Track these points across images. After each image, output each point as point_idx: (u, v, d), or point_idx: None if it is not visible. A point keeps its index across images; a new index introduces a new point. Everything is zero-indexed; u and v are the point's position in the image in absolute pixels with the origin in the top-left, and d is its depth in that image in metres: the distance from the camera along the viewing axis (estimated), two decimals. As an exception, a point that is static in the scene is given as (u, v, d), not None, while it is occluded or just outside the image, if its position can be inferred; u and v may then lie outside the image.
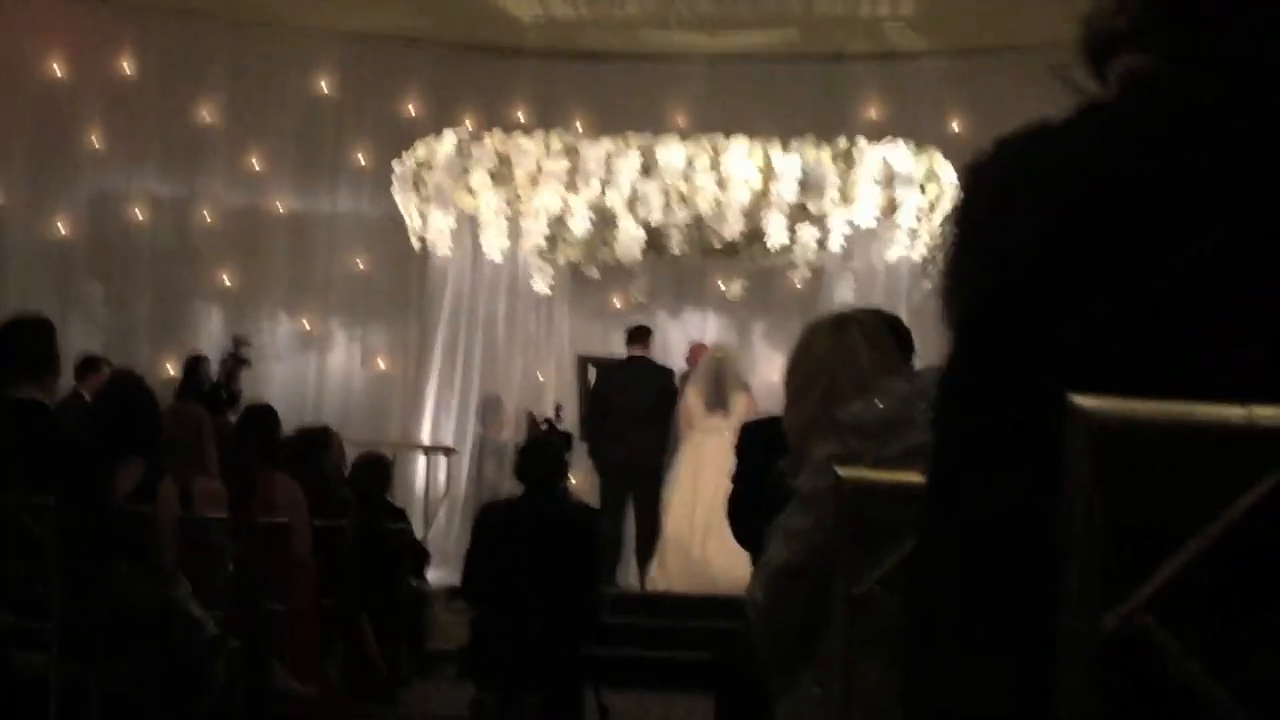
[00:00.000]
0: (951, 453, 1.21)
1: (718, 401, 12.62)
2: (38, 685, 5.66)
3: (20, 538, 5.62)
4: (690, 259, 14.13)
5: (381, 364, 16.43)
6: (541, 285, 13.81)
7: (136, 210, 15.87)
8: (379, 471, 10.54)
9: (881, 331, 3.64)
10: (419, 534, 12.28)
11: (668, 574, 12.53)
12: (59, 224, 15.57)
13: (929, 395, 2.13)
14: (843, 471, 2.11)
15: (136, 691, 6.27)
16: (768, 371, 15.60)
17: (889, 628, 2.11)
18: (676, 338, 15.25)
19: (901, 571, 2.07)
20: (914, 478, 2.09)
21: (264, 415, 8.85)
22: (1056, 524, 1.10)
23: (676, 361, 13.95)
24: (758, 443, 4.74)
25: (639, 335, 13.36)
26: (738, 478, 4.95)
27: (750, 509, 4.50)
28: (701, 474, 12.51)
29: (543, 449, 8.35)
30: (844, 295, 13.69)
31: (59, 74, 15.49)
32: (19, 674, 5.58)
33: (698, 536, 12.47)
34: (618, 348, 13.96)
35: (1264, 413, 1.09)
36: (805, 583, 2.28)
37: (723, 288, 15.89)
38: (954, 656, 1.18)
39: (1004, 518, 1.16)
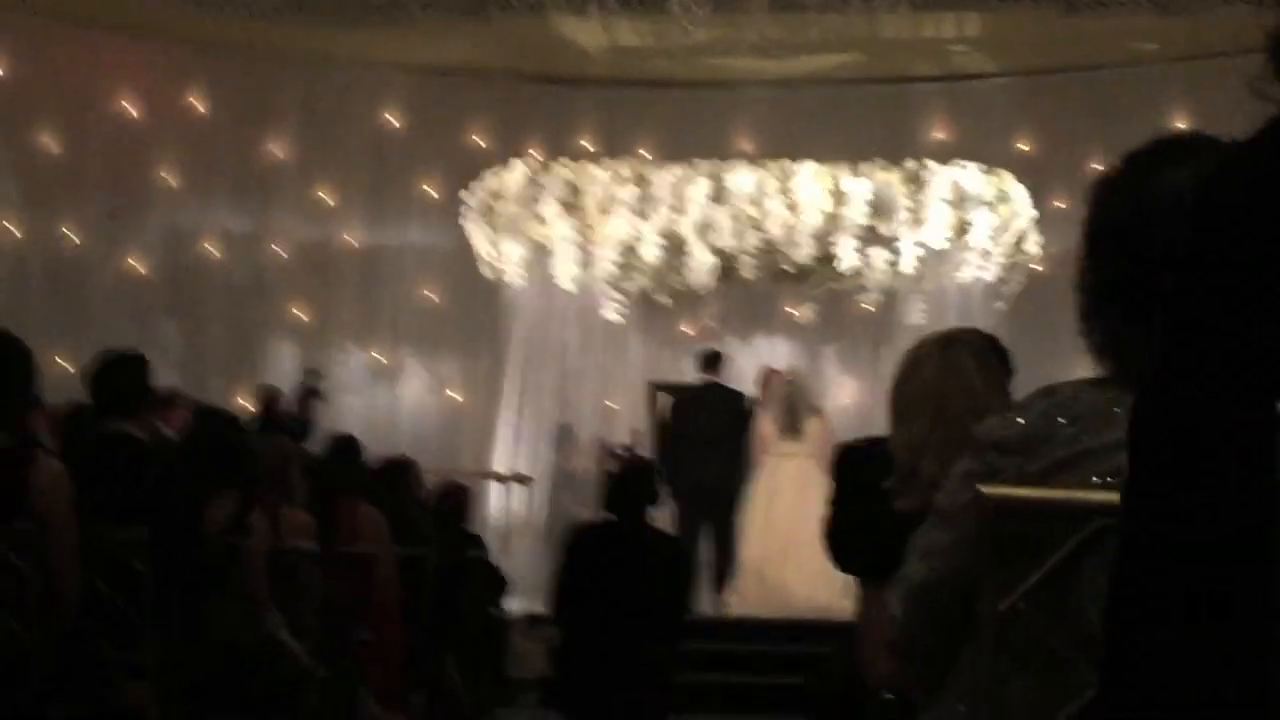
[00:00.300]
0: (1164, 454, 1.21)
1: (792, 426, 12.61)
2: (138, 717, 5.70)
3: (117, 571, 5.67)
4: (761, 284, 14.12)
5: (454, 394, 16.50)
6: (613, 313, 13.83)
7: (210, 246, 16.05)
8: (459, 501, 10.58)
9: (987, 350, 3.64)
10: (494, 562, 12.29)
11: (745, 599, 12.51)
12: (135, 261, 15.75)
13: (1068, 411, 2.13)
14: (985, 488, 2.12)
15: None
16: (839, 395, 15.59)
17: (1033, 643, 2.11)
18: (748, 363, 15.22)
19: (1048, 587, 2.07)
20: (1057, 493, 2.09)
21: (347, 445, 8.89)
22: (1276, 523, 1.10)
23: (748, 387, 13.95)
24: (855, 464, 4.71)
25: (712, 361, 13.37)
26: (835, 500, 4.92)
27: (849, 531, 4.48)
28: (777, 498, 12.50)
29: (638, 475, 8.33)
30: (915, 318, 13.64)
31: (132, 113, 15.69)
32: (124, 706, 5.62)
33: (774, 561, 12.46)
34: (689, 374, 13.96)
35: None
36: (945, 599, 2.28)
37: (793, 312, 15.88)
38: (1168, 650, 1.18)
39: (1220, 514, 1.16)
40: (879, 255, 13.13)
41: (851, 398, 15.68)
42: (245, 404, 14.64)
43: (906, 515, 3.47)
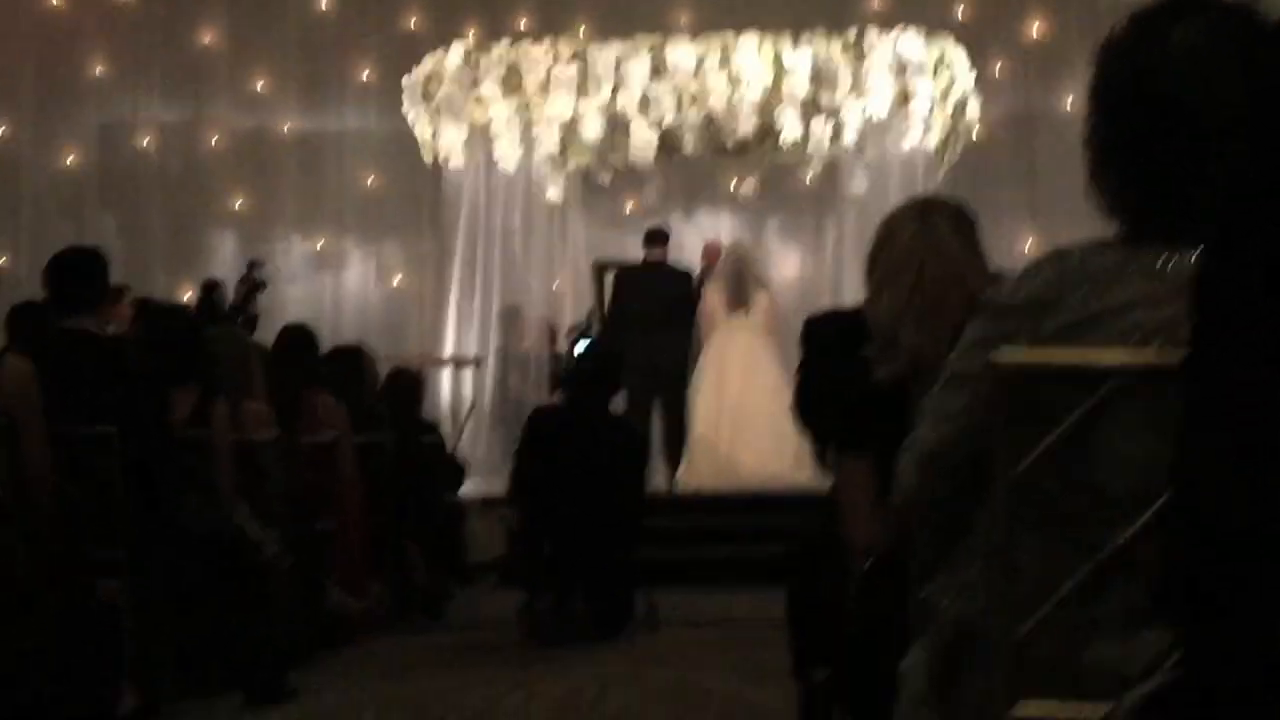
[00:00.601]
0: (1232, 320, 1.22)
1: (739, 301, 12.62)
2: (112, 612, 5.71)
3: (86, 468, 5.65)
4: (702, 159, 14.06)
5: (397, 280, 16.42)
6: (555, 194, 13.75)
7: (144, 138, 15.82)
8: (411, 387, 10.56)
9: (961, 217, 3.65)
10: (449, 447, 12.31)
11: (697, 474, 12.58)
12: (67, 155, 15.52)
13: (1079, 273, 2.14)
14: (999, 353, 2.13)
15: (205, 614, 6.33)
16: (784, 268, 15.60)
17: (1046, 506, 2.14)
18: (691, 239, 15.19)
19: (1062, 450, 2.09)
20: (1070, 356, 2.11)
21: (303, 335, 8.85)
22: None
23: (691, 262, 13.93)
24: (823, 335, 4.74)
25: (657, 238, 13.30)
26: (805, 370, 4.95)
27: (823, 400, 4.51)
28: (726, 374, 12.54)
29: (604, 358, 8.34)
30: (857, 189, 13.66)
31: (59, 3, 15.39)
32: (100, 602, 5.63)
33: (725, 436, 12.52)
34: (633, 252, 13.92)
35: None
36: (957, 463, 2.31)
37: (736, 187, 15.84)
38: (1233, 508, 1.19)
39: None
40: (821, 127, 13.07)
41: (795, 270, 15.70)
42: (187, 297, 14.54)
43: (883, 383, 3.50)
